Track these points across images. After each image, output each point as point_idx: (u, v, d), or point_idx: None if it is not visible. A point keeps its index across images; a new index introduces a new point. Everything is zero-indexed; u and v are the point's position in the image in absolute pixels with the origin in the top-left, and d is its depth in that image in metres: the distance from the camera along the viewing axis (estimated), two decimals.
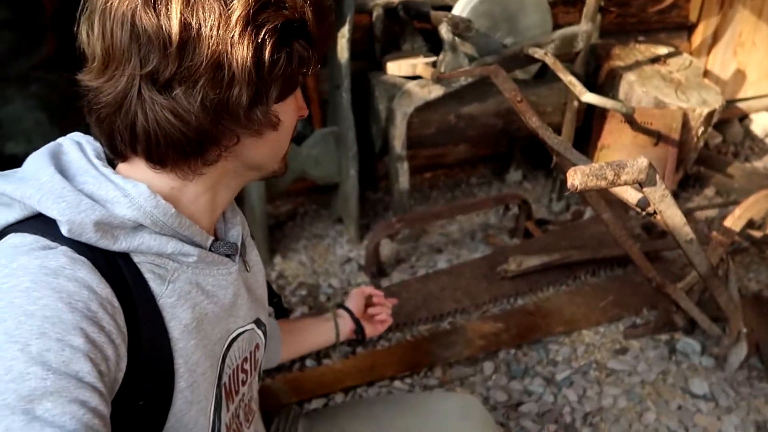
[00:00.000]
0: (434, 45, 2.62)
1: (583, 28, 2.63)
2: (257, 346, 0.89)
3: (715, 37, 3.77)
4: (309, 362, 2.00)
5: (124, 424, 0.63)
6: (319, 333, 1.20)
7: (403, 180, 2.61)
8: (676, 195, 3.06)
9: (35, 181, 0.64)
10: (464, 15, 2.48)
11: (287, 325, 1.17)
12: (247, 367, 0.86)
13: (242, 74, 0.62)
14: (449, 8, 2.59)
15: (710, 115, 2.94)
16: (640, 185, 1.01)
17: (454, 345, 2.07)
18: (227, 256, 0.79)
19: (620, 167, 0.95)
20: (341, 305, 1.26)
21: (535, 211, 2.86)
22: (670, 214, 1.10)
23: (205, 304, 0.74)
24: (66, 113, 1.87)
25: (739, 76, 3.98)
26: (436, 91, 2.44)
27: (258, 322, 0.88)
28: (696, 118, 2.90)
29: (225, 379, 0.80)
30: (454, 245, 2.71)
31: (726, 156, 3.85)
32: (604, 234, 2.61)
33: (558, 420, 1.82)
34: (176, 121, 0.63)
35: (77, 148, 0.71)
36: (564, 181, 3.01)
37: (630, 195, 1.19)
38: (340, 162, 2.49)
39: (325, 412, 1.19)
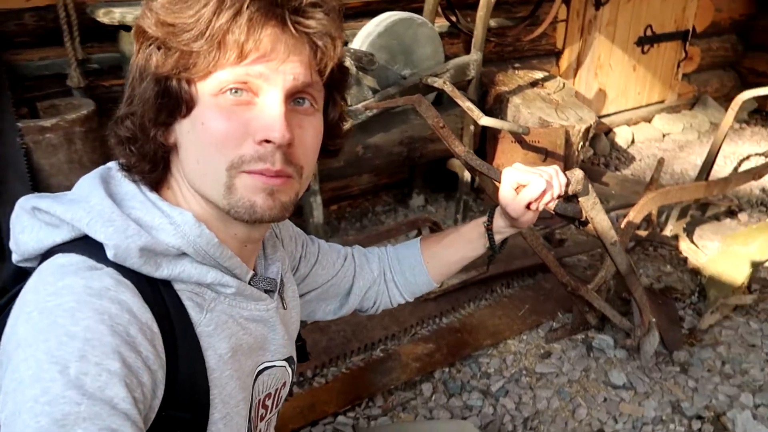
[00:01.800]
0: None
1: (474, 57, 2.81)
2: (284, 384, 0.87)
3: (579, 62, 4.19)
4: None
5: None
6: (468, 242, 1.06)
7: (317, 214, 2.61)
8: None
9: (85, 204, 0.65)
10: (364, 49, 2.56)
11: (431, 248, 1.09)
12: (268, 403, 0.84)
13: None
14: (345, 43, 2.67)
15: (587, 130, 3.25)
16: (576, 196, 1.10)
17: (390, 371, 2.08)
18: (266, 291, 0.78)
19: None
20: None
21: None
22: (599, 219, 1.20)
23: (241, 335, 0.73)
24: None
25: (601, 94, 4.43)
26: (346, 125, 2.48)
27: (290, 360, 0.87)
28: (576, 134, 3.19)
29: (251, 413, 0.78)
30: None
31: (599, 167, 4.25)
32: (512, 247, 2.77)
33: (501, 429, 1.88)
34: None
35: (125, 173, 0.70)
36: (467, 203, 3.17)
37: (558, 207, 1.29)
38: None
39: None
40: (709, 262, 2.67)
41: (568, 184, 1.05)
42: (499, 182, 1.00)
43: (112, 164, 0.73)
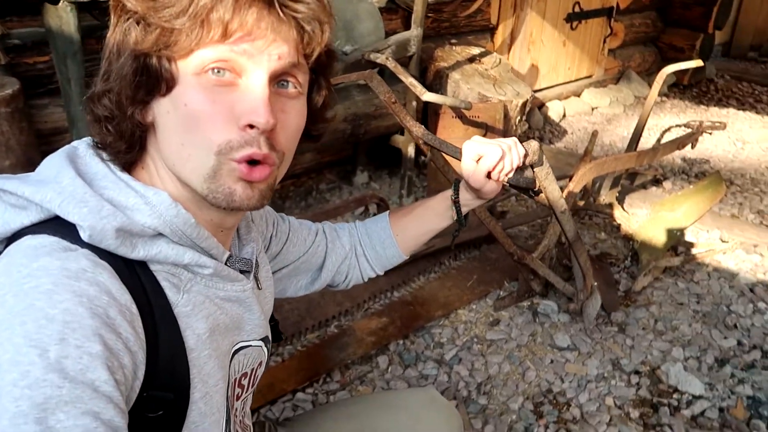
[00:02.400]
0: None
1: (414, 33, 2.82)
2: (260, 363, 0.87)
3: (512, 37, 4.29)
4: None
5: None
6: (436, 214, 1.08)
7: None
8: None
9: (56, 185, 0.62)
10: None
11: (402, 224, 1.10)
12: (244, 382, 0.83)
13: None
14: None
15: (524, 105, 3.34)
16: (532, 166, 1.14)
17: (346, 346, 2.11)
18: (242, 272, 0.78)
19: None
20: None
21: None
22: (551, 189, 1.26)
23: (218, 315, 0.73)
24: None
25: (534, 70, 4.56)
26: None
27: (266, 339, 0.86)
28: (513, 108, 3.28)
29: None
30: None
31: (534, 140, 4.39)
32: None
33: (456, 395, 1.95)
34: None
35: (93, 152, 0.67)
36: (411, 178, 3.20)
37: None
38: None
39: (302, 417, 1.15)
40: (640, 228, 2.84)
41: (525, 156, 1.09)
42: (459, 158, 1.02)
43: (77, 143, 0.70)
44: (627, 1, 5.04)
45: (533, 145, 1.12)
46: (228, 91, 0.63)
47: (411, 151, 3.15)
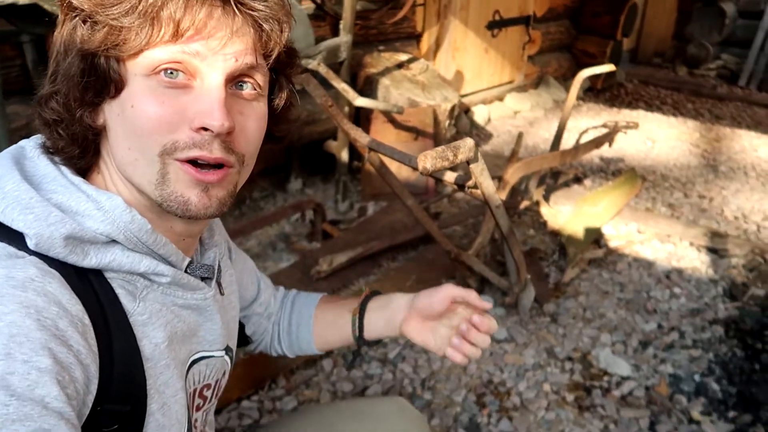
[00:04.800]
0: None
1: (344, 39, 2.86)
2: (224, 374, 0.84)
3: (437, 44, 4.41)
4: None
5: None
6: (340, 328, 1.02)
7: None
8: (437, 181, 3.49)
9: None
10: None
11: (323, 316, 1.03)
12: (207, 393, 0.81)
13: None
14: None
15: (453, 109, 3.45)
16: (468, 163, 1.20)
17: None
18: (204, 279, 0.75)
19: (456, 148, 1.12)
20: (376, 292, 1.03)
21: None
22: (487, 185, 1.32)
23: (175, 323, 0.70)
24: None
25: (459, 75, 4.71)
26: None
27: (228, 349, 0.83)
28: (443, 113, 3.38)
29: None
30: (258, 259, 2.71)
31: None
32: (394, 222, 2.89)
33: (402, 392, 1.99)
34: None
35: (42, 152, 0.63)
36: (346, 183, 3.23)
37: (448, 176, 1.39)
38: None
39: (275, 425, 1.13)
40: (565, 223, 2.99)
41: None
42: (410, 166, 1.05)
43: (24, 143, 0.67)
44: (543, 10, 5.30)
45: (469, 142, 1.18)
46: (181, 93, 0.61)
47: (345, 156, 3.18)
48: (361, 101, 2.61)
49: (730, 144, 4.64)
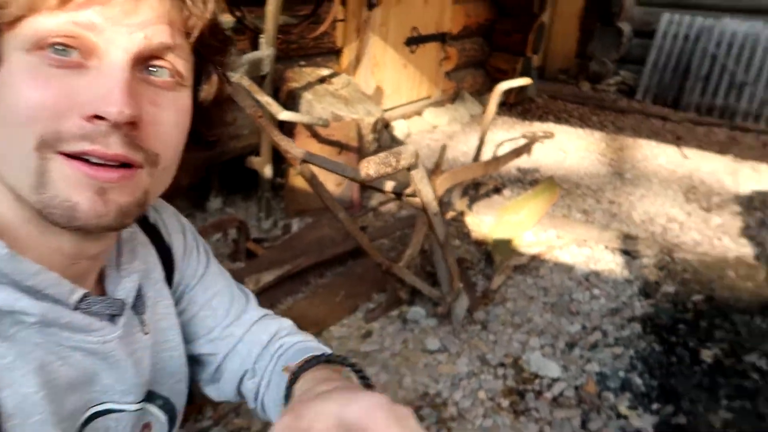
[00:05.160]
0: None
1: (267, 53, 2.80)
2: (148, 426, 0.67)
3: (357, 59, 4.42)
4: None
5: None
6: None
7: None
8: (363, 195, 3.48)
9: None
10: None
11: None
12: None
13: None
14: None
15: (376, 123, 3.46)
16: (408, 169, 1.19)
17: None
18: (113, 316, 0.59)
19: (398, 154, 1.11)
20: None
21: None
22: (426, 192, 1.31)
23: (57, 366, 0.54)
24: None
25: (379, 90, 4.74)
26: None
27: (151, 396, 0.67)
28: (366, 126, 3.38)
29: None
30: None
31: None
32: (321, 238, 2.84)
33: None
34: None
35: None
36: (269, 200, 3.15)
37: (387, 185, 1.38)
38: None
39: None
40: (489, 232, 3.05)
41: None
42: (352, 179, 1.01)
43: None
44: (458, 28, 5.46)
45: (410, 148, 1.17)
46: (72, 74, 0.48)
47: (268, 172, 3.10)
48: (285, 115, 2.56)
49: (633, 153, 4.95)
